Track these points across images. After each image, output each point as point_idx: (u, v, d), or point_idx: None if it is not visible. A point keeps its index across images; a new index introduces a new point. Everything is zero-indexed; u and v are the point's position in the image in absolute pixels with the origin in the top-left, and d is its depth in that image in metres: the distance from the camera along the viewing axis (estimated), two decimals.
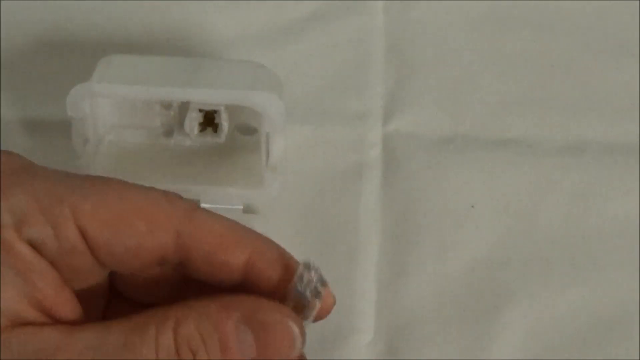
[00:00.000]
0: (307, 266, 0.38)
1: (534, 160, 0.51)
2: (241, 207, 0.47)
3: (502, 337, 0.46)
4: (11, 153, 0.37)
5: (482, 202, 0.49)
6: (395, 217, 0.49)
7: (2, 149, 0.49)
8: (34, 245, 0.35)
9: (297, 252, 0.48)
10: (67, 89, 0.45)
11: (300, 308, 0.37)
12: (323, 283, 0.37)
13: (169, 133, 0.49)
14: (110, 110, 0.48)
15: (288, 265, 0.38)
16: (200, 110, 0.47)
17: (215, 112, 0.47)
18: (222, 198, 0.47)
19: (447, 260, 0.48)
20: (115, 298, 0.40)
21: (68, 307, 0.36)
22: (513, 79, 0.53)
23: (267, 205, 0.48)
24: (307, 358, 0.40)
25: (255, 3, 0.55)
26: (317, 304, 0.37)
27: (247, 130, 0.49)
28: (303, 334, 0.37)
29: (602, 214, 0.49)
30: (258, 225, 0.47)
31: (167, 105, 0.48)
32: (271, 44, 0.54)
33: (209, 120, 0.47)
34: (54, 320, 0.35)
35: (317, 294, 0.37)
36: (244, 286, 0.38)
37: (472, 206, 0.49)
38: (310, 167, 0.50)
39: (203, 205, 0.47)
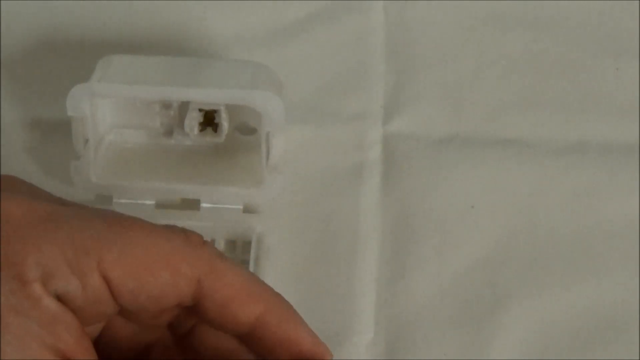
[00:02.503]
0: None
1: (534, 160, 0.51)
2: (241, 206, 0.47)
3: (502, 337, 0.46)
4: (32, 200, 0.37)
5: (482, 202, 0.49)
6: (395, 217, 0.49)
7: (2, 149, 0.50)
8: (60, 297, 0.35)
9: (297, 252, 0.48)
10: (67, 89, 0.45)
11: None
12: None
13: (169, 133, 0.49)
14: (110, 110, 0.48)
15: (297, 326, 0.38)
16: (200, 110, 0.47)
17: (215, 111, 0.47)
18: (222, 197, 0.47)
19: (447, 260, 0.48)
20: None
21: (87, 354, 0.36)
22: (513, 79, 0.53)
23: (267, 204, 0.48)
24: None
25: (255, 3, 0.55)
26: None
27: (247, 130, 0.49)
28: None
29: (602, 214, 0.49)
30: (258, 224, 0.47)
31: (167, 105, 0.48)
32: (271, 44, 0.54)
33: (209, 120, 0.47)
34: None
35: None
36: (250, 337, 0.38)
37: (472, 206, 0.49)
38: (310, 167, 0.50)
39: (203, 205, 0.47)
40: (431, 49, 0.54)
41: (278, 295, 0.39)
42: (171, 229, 0.37)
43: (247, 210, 0.47)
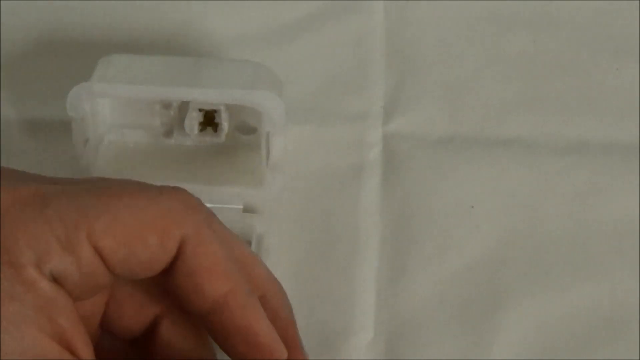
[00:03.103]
0: None
1: (534, 160, 0.51)
2: (241, 206, 0.47)
3: (502, 337, 0.46)
4: (17, 183, 0.36)
5: (482, 202, 0.49)
6: (395, 217, 0.49)
7: (2, 149, 0.50)
8: (55, 277, 0.35)
9: (297, 252, 0.48)
10: (67, 89, 0.45)
11: None
12: None
13: (169, 133, 0.49)
14: (110, 110, 0.48)
15: (258, 316, 0.38)
16: (200, 110, 0.47)
17: (215, 111, 0.47)
18: (222, 197, 0.47)
19: (447, 260, 0.48)
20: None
21: (82, 338, 0.36)
22: (513, 79, 0.53)
23: (267, 204, 0.48)
24: (307, 358, 0.40)
25: (255, 3, 0.55)
26: None
27: (247, 130, 0.49)
28: None
29: (602, 214, 0.49)
30: (258, 224, 0.47)
31: (167, 105, 0.48)
32: (271, 44, 0.54)
33: (209, 120, 0.47)
34: (72, 352, 0.35)
35: None
36: (210, 317, 0.38)
37: (472, 206, 0.49)
38: (310, 167, 0.50)
39: None
40: (431, 49, 0.54)
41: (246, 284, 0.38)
42: (160, 190, 0.37)
43: (247, 210, 0.47)
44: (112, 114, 0.48)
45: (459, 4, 0.55)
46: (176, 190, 0.38)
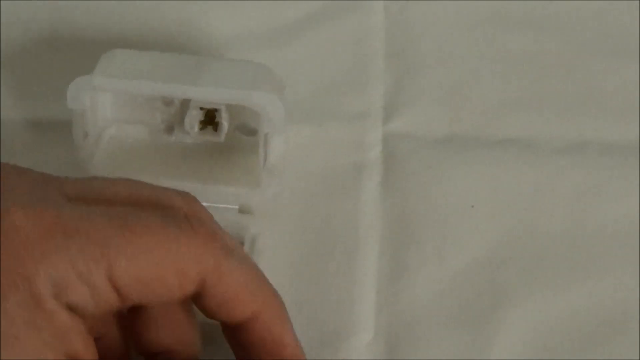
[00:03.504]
0: None
1: (534, 160, 0.51)
2: (237, 206, 0.47)
3: (502, 337, 0.46)
4: (37, 204, 0.36)
5: (482, 202, 0.49)
6: (395, 217, 0.49)
7: (2, 149, 0.50)
8: (71, 307, 0.36)
9: (297, 252, 0.48)
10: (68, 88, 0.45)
11: None
12: None
13: (169, 129, 0.49)
14: (110, 105, 0.48)
15: (285, 330, 0.39)
16: (201, 109, 0.47)
17: (216, 110, 0.47)
18: (219, 197, 0.47)
19: (447, 260, 0.48)
20: None
21: (93, 356, 0.37)
22: (513, 79, 0.53)
23: (263, 206, 0.47)
24: (308, 358, 0.40)
25: (255, 3, 0.55)
26: None
27: (248, 131, 0.49)
28: None
29: (602, 214, 0.49)
30: (253, 226, 0.47)
31: (168, 102, 0.48)
32: (271, 44, 0.54)
33: (210, 119, 0.47)
34: None
35: None
36: (238, 329, 0.39)
37: (472, 206, 0.49)
38: (310, 167, 0.50)
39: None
40: (431, 49, 0.54)
41: (275, 295, 0.39)
42: (179, 225, 0.37)
43: (243, 210, 0.47)
44: (112, 109, 0.48)
45: (459, 3, 0.55)
46: (195, 225, 0.38)
